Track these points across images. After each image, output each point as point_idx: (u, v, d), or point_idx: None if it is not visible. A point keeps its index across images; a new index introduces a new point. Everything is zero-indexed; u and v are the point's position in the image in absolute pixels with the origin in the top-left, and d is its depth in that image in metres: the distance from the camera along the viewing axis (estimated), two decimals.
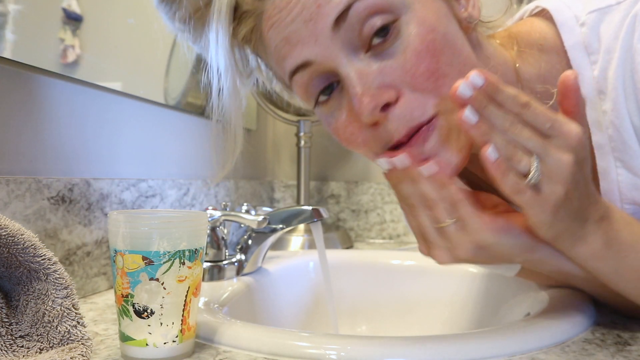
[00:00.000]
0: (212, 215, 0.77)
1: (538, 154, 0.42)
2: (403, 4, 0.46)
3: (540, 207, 0.42)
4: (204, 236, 0.47)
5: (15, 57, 0.60)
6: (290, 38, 0.47)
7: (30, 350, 0.43)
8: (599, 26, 0.52)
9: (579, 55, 0.52)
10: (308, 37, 0.46)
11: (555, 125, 0.41)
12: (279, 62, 0.50)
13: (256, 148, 1.35)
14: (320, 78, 0.49)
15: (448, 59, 0.46)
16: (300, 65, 0.48)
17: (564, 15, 0.54)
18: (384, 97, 0.45)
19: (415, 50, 0.45)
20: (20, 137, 0.61)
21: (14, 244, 0.42)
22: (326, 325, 0.85)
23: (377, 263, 0.94)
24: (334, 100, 0.50)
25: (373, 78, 0.46)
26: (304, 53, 0.47)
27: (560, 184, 0.42)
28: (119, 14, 0.78)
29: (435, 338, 0.48)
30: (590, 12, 0.53)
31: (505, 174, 0.42)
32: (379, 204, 1.37)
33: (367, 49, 0.46)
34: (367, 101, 0.45)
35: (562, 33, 0.53)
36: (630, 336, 0.51)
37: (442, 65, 0.46)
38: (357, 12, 0.45)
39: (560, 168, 0.41)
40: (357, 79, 0.46)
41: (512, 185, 0.42)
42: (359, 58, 0.46)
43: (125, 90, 0.78)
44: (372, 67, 0.46)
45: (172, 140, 0.91)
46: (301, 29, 0.46)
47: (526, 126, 0.42)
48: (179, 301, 0.44)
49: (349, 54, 0.46)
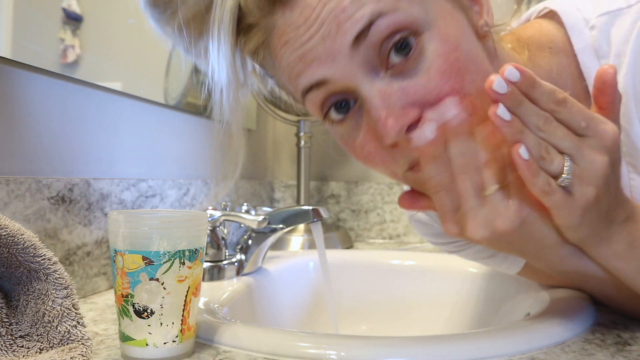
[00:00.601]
0: (212, 215, 0.77)
1: (571, 154, 0.40)
2: (425, 20, 0.44)
3: (569, 210, 0.41)
4: (204, 236, 0.47)
5: (15, 57, 0.60)
6: (306, 56, 0.45)
7: (30, 350, 0.43)
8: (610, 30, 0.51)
9: (589, 59, 0.52)
10: (325, 55, 0.44)
11: (591, 124, 0.40)
12: (291, 80, 0.48)
13: (256, 148, 1.35)
14: (336, 96, 0.47)
15: (471, 77, 0.44)
16: (315, 84, 0.46)
17: (573, 18, 0.53)
18: (408, 117, 0.43)
19: (439, 69, 0.43)
20: (20, 137, 0.61)
21: (14, 244, 0.42)
22: (326, 325, 0.85)
23: (377, 263, 0.94)
24: (351, 119, 0.47)
25: (396, 99, 0.43)
26: (320, 71, 0.45)
27: (592, 186, 0.40)
28: (119, 14, 0.78)
29: (435, 338, 0.48)
30: (600, 15, 0.52)
31: (536, 175, 0.40)
32: (379, 204, 1.37)
33: (387, 67, 0.44)
34: (392, 124, 0.43)
35: (572, 36, 0.53)
36: (630, 336, 0.51)
37: (467, 84, 0.44)
38: (380, 30, 0.43)
39: (594, 169, 0.40)
40: (380, 101, 0.44)
41: (542, 186, 0.40)
42: (380, 77, 0.44)
43: (125, 90, 0.78)
44: (393, 86, 0.44)
45: (172, 140, 0.91)
46: (318, 46, 0.44)
47: (561, 124, 0.40)
48: (179, 301, 0.44)
49: (369, 72, 0.44)
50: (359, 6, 0.43)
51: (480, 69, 0.45)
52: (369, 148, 0.47)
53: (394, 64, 0.44)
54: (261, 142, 1.39)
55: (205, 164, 1.00)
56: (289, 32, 0.45)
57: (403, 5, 0.43)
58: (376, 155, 0.47)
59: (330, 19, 0.43)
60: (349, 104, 0.47)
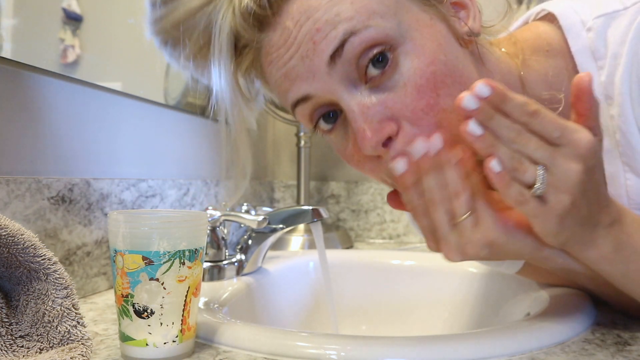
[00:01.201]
0: (212, 215, 0.77)
1: (545, 164, 0.41)
2: (400, 34, 0.45)
3: (545, 217, 0.42)
4: (204, 236, 0.47)
5: (15, 57, 0.60)
6: (289, 74, 0.48)
7: (30, 350, 0.43)
8: (606, 31, 0.51)
9: (586, 61, 0.52)
10: (306, 73, 0.47)
11: (565, 133, 0.41)
12: (280, 95, 0.51)
13: (256, 148, 1.35)
14: (323, 108, 0.49)
15: (448, 91, 0.45)
16: (300, 99, 0.49)
17: (570, 20, 0.54)
18: (385, 131, 0.45)
19: (415, 85, 0.45)
20: (20, 137, 0.61)
21: (14, 244, 0.42)
22: (326, 325, 0.85)
23: (377, 263, 0.94)
24: (339, 129, 0.50)
25: (374, 112, 0.45)
26: (303, 88, 0.48)
27: (567, 193, 0.41)
28: (119, 14, 0.78)
29: (435, 338, 0.48)
30: (597, 17, 0.52)
31: (509, 186, 0.41)
32: (379, 204, 1.37)
33: (366, 80, 0.46)
34: (369, 137, 0.45)
35: (569, 38, 0.53)
36: (630, 336, 0.51)
37: (442, 99, 0.45)
38: (353, 47, 0.45)
39: (568, 178, 0.41)
40: (359, 113, 0.46)
41: (515, 196, 0.41)
42: (359, 90, 0.46)
43: (125, 90, 0.78)
44: (372, 99, 0.46)
45: (172, 140, 0.91)
46: (298, 65, 0.47)
47: (533, 136, 0.41)
48: (179, 301, 0.44)
49: (348, 87, 0.46)
50: (332, 26, 0.45)
51: (459, 80, 0.46)
52: (358, 157, 0.49)
53: (372, 76, 0.46)
54: (261, 142, 1.39)
55: (205, 164, 1.00)
56: (272, 52, 0.49)
57: (376, 21, 0.45)
58: (365, 164, 0.49)
59: (306, 39, 0.46)
60: (336, 114, 0.49)
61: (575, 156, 0.41)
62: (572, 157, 0.41)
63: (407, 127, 0.45)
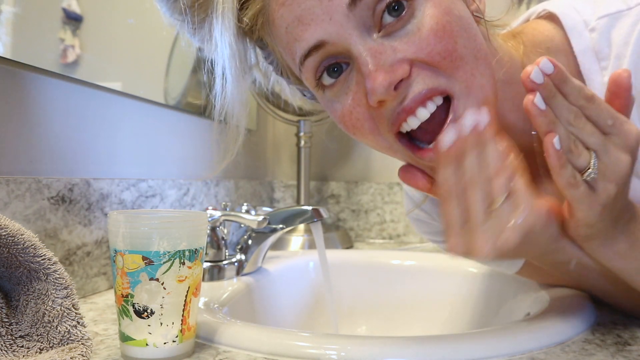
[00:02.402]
0: (212, 215, 0.77)
1: (597, 151, 0.41)
2: None
3: (590, 204, 0.42)
4: (204, 236, 0.47)
5: (15, 57, 0.60)
6: (304, 17, 0.46)
7: (30, 350, 0.43)
8: (610, 32, 0.51)
9: (589, 61, 0.52)
10: (322, 15, 0.45)
11: (617, 123, 0.41)
12: (290, 45, 0.49)
13: (256, 148, 1.35)
14: (330, 59, 0.48)
15: (465, 42, 0.45)
16: (313, 46, 0.47)
17: (572, 20, 0.53)
18: (398, 73, 0.44)
19: (431, 29, 0.44)
20: (20, 137, 0.61)
21: (14, 244, 0.42)
22: (326, 325, 0.85)
23: (377, 263, 0.94)
24: (341, 83, 0.48)
25: (386, 57, 0.45)
26: (317, 33, 0.46)
27: (615, 183, 0.41)
28: (119, 14, 0.78)
29: (435, 338, 0.48)
30: (600, 17, 0.52)
31: (564, 166, 0.41)
32: (379, 204, 1.37)
33: (380, 28, 0.46)
34: (381, 78, 0.44)
35: (571, 38, 0.53)
36: (630, 336, 0.51)
37: (460, 47, 0.45)
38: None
39: (617, 167, 0.41)
40: (370, 57, 0.45)
41: (568, 178, 0.41)
42: (372, 38, 0.46)
43: (125, 90, 0.78)
44: (385, 46, 0.45)
45: (172, 140, 0.91)
46: (315, 6, 0.45)
47: (588, 121, 0.41)
48: (179, 301, 0.44)
49: (362, 33, 0.45)
50: None
51: (473, 38, 0.46)
52: (356, 113, 0.48)
53: (386, 24, 0.45)
54: (261, 142, 1.39)
55: (205, 164, 1.00)
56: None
57: None
58: (363, 121, 0.48)
59: None
60: (341, 68, 0.48)
61: (625, 146, 0.41)
62: (622, 147, 0.41)
63: (422, 67, 0.45)
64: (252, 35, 0.53)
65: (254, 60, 0.58)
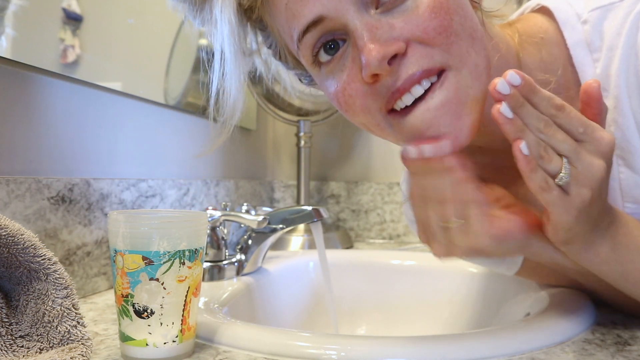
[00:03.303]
0: (212, 215, 0.77)
1: (569, 157, 0.41)
2: None
3: (565, 208, 0.42)
4: (204, 236, 0.47)
5: (15, 57, 0.60)
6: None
7: (30, 350, 0.43)
8: (602, 24, 0.52)
9: (582, 53, 0.52)
10: None
11: (588, 130, 0.41)
12: (288, 23, 0.49)
13: (256, 148, 1.35)
14: (328, 35, 0.48)
15: (460, 19, 0.46)
16: (311, 22, 0.47)
17: (565, 13, 0.54)
18: (392, 47, 0.45)
19: (428, 6, 0.45)
20: (20, 137, 0.61)
21: (14, 244, 0.42)
22: (326, 325, 0.85)
23: (377, 263, 0.94)
24: (337, 60, 0.49)
25: (382, 32, 0.45)
26: (316, 8, 0.47)
27: (589, 187, 0.42)
28: (119, 14, 0.78)
29: (435, 338, 0.48)
30: (592, 10, 0.53)
31: (535, 170, 0.42)
32: (379, 204, 1.37)
33: (377, 5, 0.46)
34: (375, 51, 0.44)
35: (564, 31, 0.53)
36: (630, 336, 0.51)
37: (455, 24, 0.45)
38: None
39: (591, 172, 0.41)
40: (366, 32, 0.45)
41: (540, 182, 0.42)
42: (369, 14, 0.46)
43: (125, 90, 0.78)
44: (381, 22, 0.46)
45: (172, 140, 0.91)
46: None
47: (559, 128, 0.42)
48: (179, 301, 0.44)
49: (360, 8, 0.46)
50: None
51: (470, 18, 0.47)
52: (350, 90, 0.48)
53: (384, 2, 0.46)
54: (261, 142, 1.39)
55: (205, 164, 1.00)
56: None
57: None
58: (356, 98, 0.48)
59: None
60: (338, 45, 0.49)
61: (597, 152, 0.42)
62: (595, 153, 0.42)
63: (416, 46, 0.45)
64: (251, 14, 0.53)
65: (255, 46, 0.58)
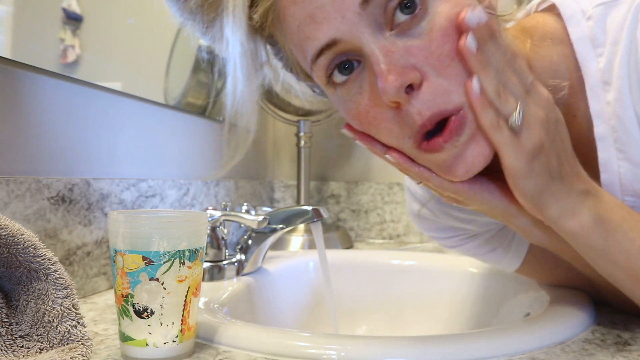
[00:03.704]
0: (212, 215, 0.77)
1: (521, 101, 0.44)
2: None
3: (515, 152, 0.44)
4: (204, 236, 0.47)
5: (15, 57, 0.60)
6: (316, 15, 0.46)
7: (30, 350, 0.43)
8: (606, 19, 0.52)
9: (585, 49, 0.53)
10: (334, 13, 0.45)
11: (534, 82, 0.46)
12: (301, 44, 0.48)
13: (256, 148, 1.35)
14: (342, 56, 0.47)
15: None
16: (325, 45, 0.46)
17: (571, 10, 0.54)
18: (409, 76, 0.44)
19: (441, 28, 0.45)
20: (20, 137, 0.61)
21: (14, 244, 0.42)
22: (326, 325, 0.85)
23: (377, 263, 0.94)
24: (353, 82, 0.48)
25: (399, 56, 0.45)
26: (330, 31, 0.46)
27: (537, 133, 0.44)
28: (119, 14, 0.78)
29: (435, 338, 0.48)
30: (596, 5, 0.53)
31: (485, 109, 0.43)
32: (379, 204, 1.37)
33: (392, 26, 0.45)
34: (392, 79, 0.44)
35: (569, 27, 0.54)
36: (630, 336, 0.51)
37: None
38: None
39: (536, 120, 0.44)
40: (382, 56, 0.45)
41: (491, 119, 0.43)
42: (384, 36, 0.45)
43: (125, 90, 0.78)
44: (397, 45, 0.45)
45: (172, 140, 0.91)
46: (327, 4, 0.45)
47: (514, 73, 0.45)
48: (179, 301, 0.44)
49: (375, 31, 0.45)
50: None
51: None
52: (375, 113, 0.47)
53: (398, 22, 0.45)
54: (261, 142, 1.39)
55: (205, 164, 1.00)
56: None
57: None
58: (381, 121, 0.47)
59: None
60: (352, 66, 0.48)
61: (540, 103, 0.45)
62: (538, 103, 0.45)
63: (433, 77, 0.45)
64: (262, 32, 0.52)
65: (264, 57, 0.57)
